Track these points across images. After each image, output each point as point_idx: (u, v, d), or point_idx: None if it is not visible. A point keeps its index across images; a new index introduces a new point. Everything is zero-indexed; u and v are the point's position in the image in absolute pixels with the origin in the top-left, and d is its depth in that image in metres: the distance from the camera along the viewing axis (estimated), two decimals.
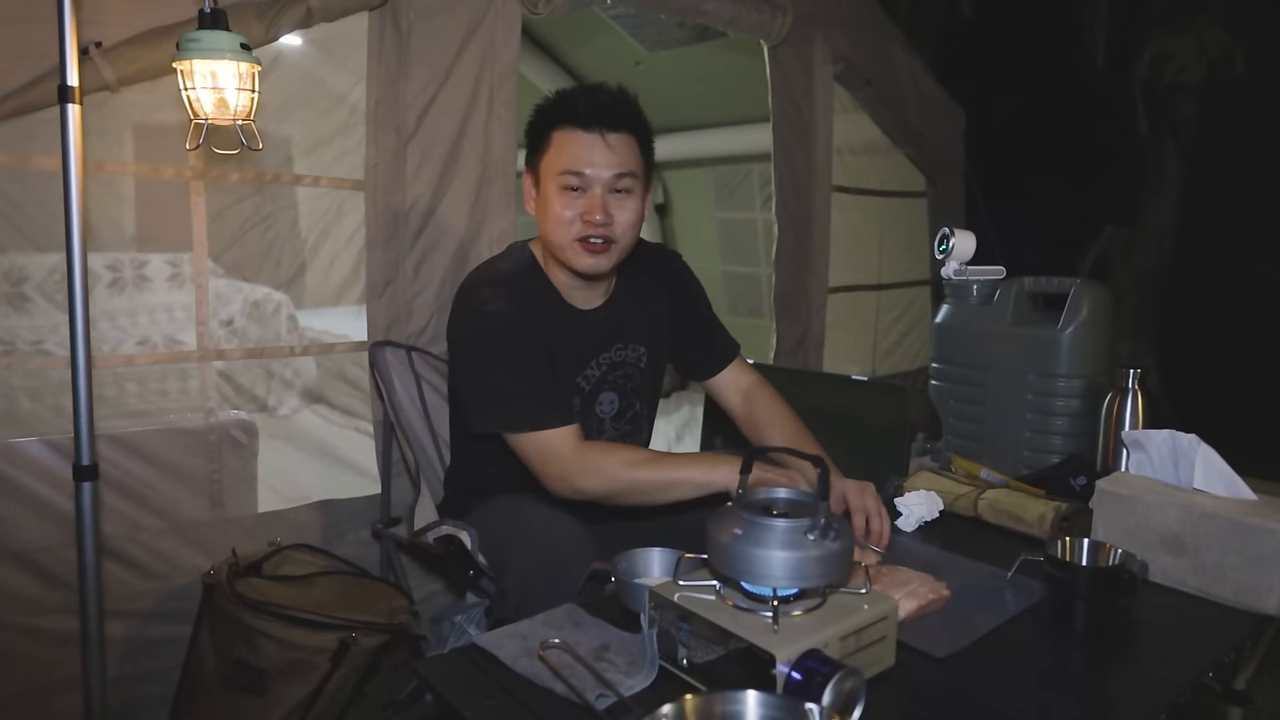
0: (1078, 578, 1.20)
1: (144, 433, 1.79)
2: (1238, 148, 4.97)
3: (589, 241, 1.44)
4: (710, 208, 4.32)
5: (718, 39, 3.07)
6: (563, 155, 1.43)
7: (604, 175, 1.43)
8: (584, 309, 1.57)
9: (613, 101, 1.45)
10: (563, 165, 1.42)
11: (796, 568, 0.95)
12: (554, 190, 1.44)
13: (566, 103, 1.44)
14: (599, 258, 1.46)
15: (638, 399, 1.66)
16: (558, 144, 1.44)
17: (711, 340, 1.77)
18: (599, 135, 1.42)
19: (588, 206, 1.43)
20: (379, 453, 2.04)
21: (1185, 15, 4.95)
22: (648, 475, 1.39)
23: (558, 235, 1.45)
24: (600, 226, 1.43)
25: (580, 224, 1.43)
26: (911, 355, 3.56)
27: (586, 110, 1.42)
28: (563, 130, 1.44)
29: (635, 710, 0.92)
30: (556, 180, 1.43)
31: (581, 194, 1.43)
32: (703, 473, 1.36)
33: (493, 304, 1.45)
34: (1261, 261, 4.93)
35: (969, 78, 4.20)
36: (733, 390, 1.75)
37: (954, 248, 2.15)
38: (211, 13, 1.39)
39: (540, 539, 1.37)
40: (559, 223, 1.44)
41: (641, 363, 1.65)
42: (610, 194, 1.44)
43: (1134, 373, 1.89)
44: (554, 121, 1.45)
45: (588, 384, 1.58)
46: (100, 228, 1.74)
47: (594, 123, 1.42)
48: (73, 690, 1.55)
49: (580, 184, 1.43)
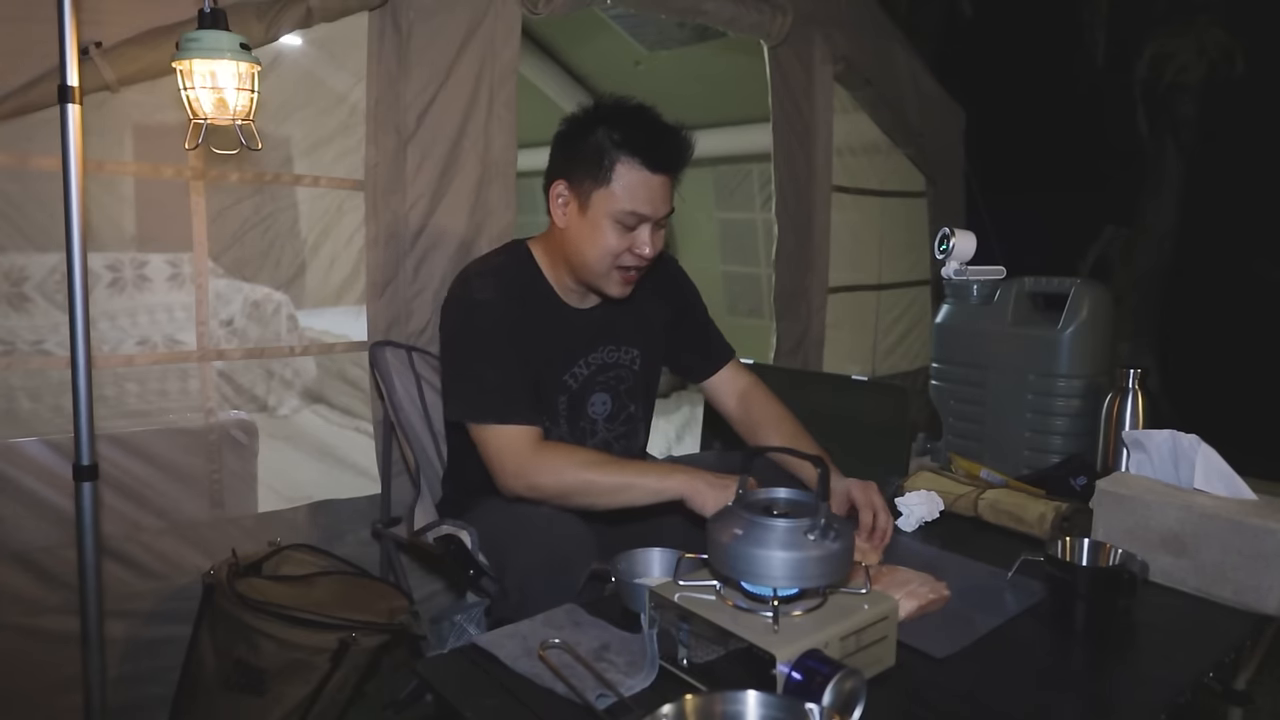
0: (1078, 578, 1.20)
1: (144, 433, 1.78)
2: (1238, 148, 4.97)
3: (629, 271, 1.48)
4: (710, 208, 4.31)
5: (718, 39, 3.06)
6: (629, 195, 1.43)
7: (660, 213, 1.45)
8: (577, 307, 1.58)
9: (684, 149, 1.46)
10: (628, 205, 1.43)
11: (796, 568, 0.95)
12: (607, 221, 1.44)
13: (640, 140, 1.42)
14: (633, 285, 1.51)
15: (632, 401, 1.66)
16: (623, 179, 1.42)
17: (707, 344, 1.77)
18: (666, 179, 1.44)
19: (637, 241, 1.45)
20: (379, 453, 2.04)
21: (1185, 15, 4.95)
22: (601, 478, 1.39)
23: (600, 263, 1.47)
24: (647, 260, 1.47)
25: (629, 255, 1.46)
26: (911, 355, 3.56)
27: (662, 155, 1.43)
28: (629, 164, 1.42)
29: (635, 710, 0.92)
30: (614, 214, 1.43)
31: (632, 229, 1.45)
32: (657, 480, 1.36)
33: (482, 293, 1.47)
34: (1261, 261, 4.93)
35: (969, 78, 4.20)
36: (728, 392, 1.75)
37: (954, 248, 2.15)
38: (211, 13, 1.39)
39: (540, 538, 1.37)
40: (607, 253, 1.46)
41: (635, 365, 1.65)
42: (655, 229, 1.47)
43: (1134, 373, 1.89)
44: (622, 153, 1.42)
45: (575, 382, 1.58)
46: (100, 228, 1.73)
47: (666, 167, 1.43)
48: (73, 690, 1.55)
49: (639, 223, 1.44)
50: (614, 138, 1.42)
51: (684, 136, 1.47)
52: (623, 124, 1.43)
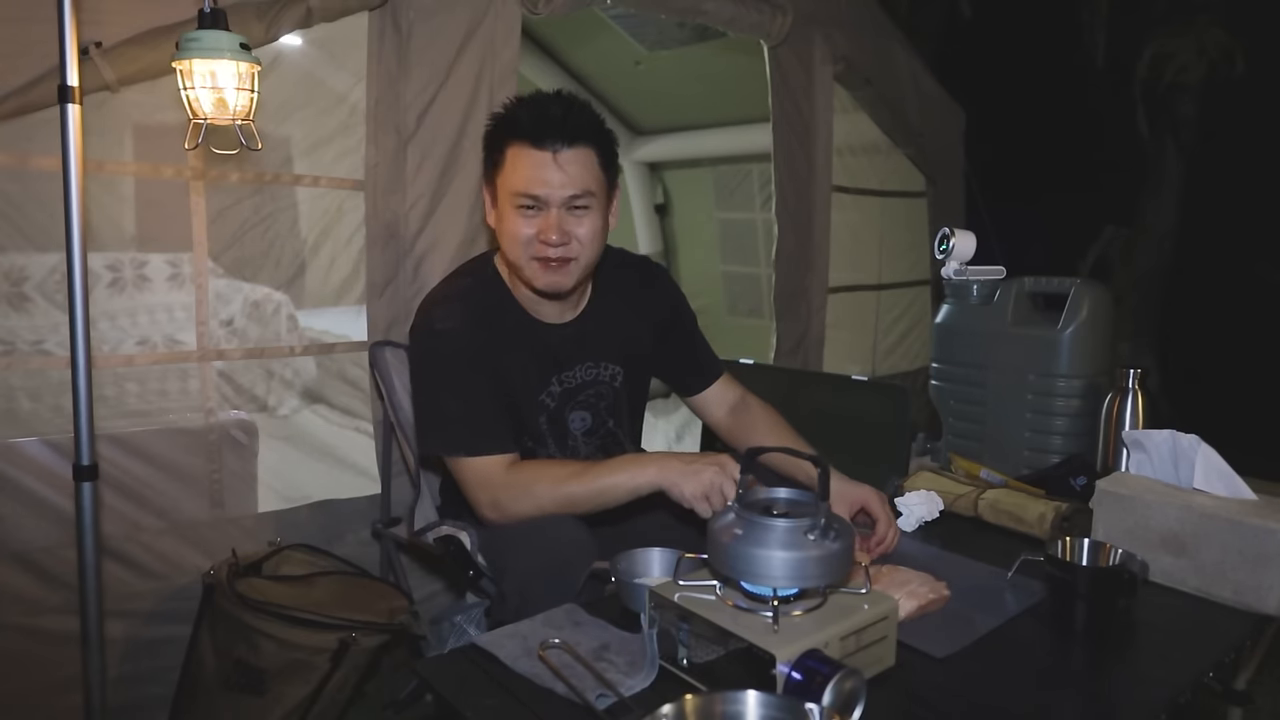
0: (1078, 578, 1.20)
1: (144, 433, 1.78)
2: (1238, 148, 4.97)
3: (547, 260, 1.42)
4: (710, 208, 4.31)
5: (718, 39, 3.07)
6: (516, 176, 1.40)
7: (558, 196, 1.39)
8: (551, 323, 1.54)
9: (564, 114, 1.39)
10: (517, 186, 1.40)
11: (796, 568, 0.95)
12: (509, 209, 1.42)
13: (517, 117, 1.40)
14: (558, 275, 1.44)
15: (611, 418, 1.62)
16: (511, 162, 1.40)
17: (695, 360, 1.73)
18: (550, 154, 1.38)
19: (543, 226, 1.40)
20: (379, 453, 2.04)
21: (1185, 15, 4.95)
22: (577, 490, 1.36)
23: (515, 253, 1.44)
24: (557, 246, 1.41)
25: (537, 243, 1.41)
26: (911, 355, 3.56)
27: (537, 126, 1.38)
28: (515, 146, 1.40)
29: (635, 710, 0.92)
30: (511, 200, 1.41)
31: (537, 212, 1.41)
32: (630, 476, 1.34)
33: (444, 322, 1.44)
34: (1261, 262, 4.93)
35: (969, 78, 4.20)
36: (718, 406, 1.73)
37: (954, 248, 2.15)
38: (211, 13, 1.39)
39: (540, 540, 1.36)
40: (516, 241, 1.43)
41: (616, 382, 1.61)
42: (567, 212, 1.41)
43: (1134, 373, 1.89)
44: (507, 136, 1.41)
45: (552, 400, 1.55)
46: (100, 228, 1.73)
47: (545, 139, 1.38)
48: (73, 690, 1.55)
49: (535, 204, 1.40)
50: (502, 124, 1.42)
51: (564, 102, 1.41)
52: (509, 108, 1.43)
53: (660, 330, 1.67)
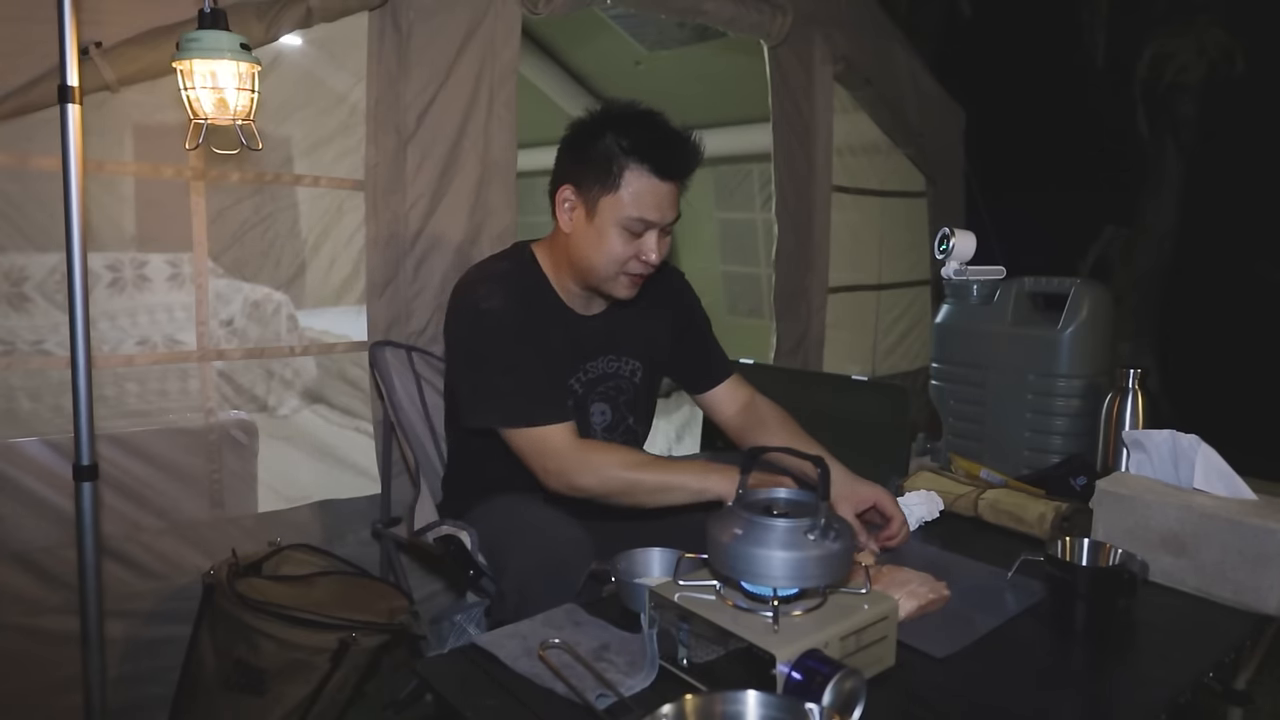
0: (1078, 578, 1.20)
1: (144, 433, 1.78)
2: (1238, 148, 4.97)
3: (636, 276, 1.48)
4: (710, 208, 4.31)
5: (718, 39, 3.06)
6: (638, 202, 1.42)
7: (668, 220, 1.46)
8: (581, 314, 1.58)
9: (693, 156, 1.46)
10: (636, 212, 1.42)
11: (796, 568, 0.95)
12: (614, 228, 1.44)
13: (649, 148, 1.42)
14: (639, 288, 1.51)
15: (630, 413, 1.65)
16: (631, 185, 1.42)
17: (708, 359, 1.76)
18: (674, 186, 1.44)
19: (644, 247, 1.45)
20: (379, 453, 2.04)
21: (1185, 15, 4.95)
22: (644, 478, 1.39)
23: (607, 268, 1.47)
24: (653, 266, 1.47)
25: (635, 262, 1.46)
26: (911, 355, 3.56)
27: (672, 162, 1.43)
28: (638, 171, 1.42)
29: (635, 710, 0.92)
30: (621, 220, 1.43)
31: (640, 235, 1.45)
32: (697, 479, 1.36)
33: (489, 300, 1.46)
34: (1261, 262, 4.93)
35: (969, 78, 4.20)
36: (728, 403, 1.74)
37: (954, 248, 2.15)
38: (211, 13, 1.39)
39: (539, 540, 1.37)
40: (613, 259, 1.45)
41: (635, 377, 1.64)
42: (660, 233, 1.47)
43: (1134, 373, 1.89)
44: (631, 160, 1.42)
45: (580, 387, 1.58)
46: (100, 228, 1.73)
47: (675, 174, 1.44)
48: (73, 690, 1.55)
49: (647, 229, 1.44)
50: (623, 144, 1.41)
51: (694, 143, 1.46)
52: (632, 130, 1.43)
53: (677, 330, 1.70)
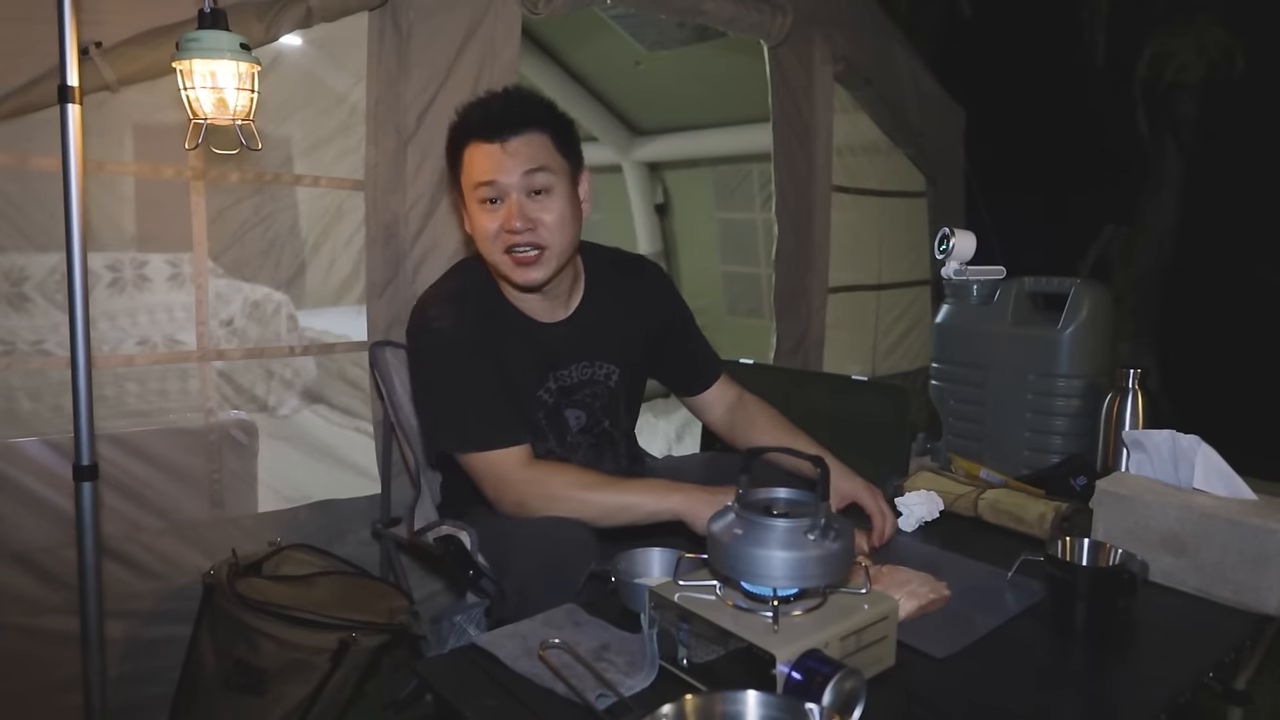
0: (1078, 578, 1.20)
1: (144, 433, 1.78)
2: (1238, 148, 4.97)
3: (515, 252, 1.42)
4: (710, 208, 4.32)
5: (718, 39, 3.07)
6: (472, 170, 1.42)
7: (514, 179, 1.40)
8: (544, 322, 1.54)
9: (505, 107, 1.42)
10: (474, 179, 1.42)
11: (796, 568, 0.95)
12: (474, 206, 1.44)
13: (468, 116, 1.44)
14: (531, 269, 1.44)
15: (606, 417, 1.62)
16: (468, 160, 1.43)
17: (693, 359, 1.73)
18: (499, 144, 1.40)
19: (506, 215, 1.41)
20: (379, 453, 2.04)
21: (1185, 15, 4.95)
22: (597, 498, 1.37)
23: (488, 250, 1.45)
24: (523, 234, 1.41)
25: (504, 235, 1.42)
26: (911, 355, 3.56)
27: (483, 121, 1.41)
28: (470, 146, 1.43)
29: (635, 710, 0.92)
30: (474, 196, 1.43)
31: (499, 204, 1.42)
32: (655, 499, 1.35)
33: (440, 321, 1.45)
34: (1261, 262, 4.93)
35: (969, 78, 4.20)
36: (716, 405, 1.73)
37: (954, 248, 2.15)
38: (211, 13, 1.39)
39: (540, 540, 1.36)
40: (485, 238, 1.44)
41: (611, 381, 1.60)
42: (528, 198, 1.42)
43: (1134, 373, 1.89)
44: (462, 139, 1.44)
45: (550, 397, 1.55)
46: (100, 228, 1.74)
47: (491, 132, 1.41)
48: (73, 690, 1.55)
49: (495, 194, 1.41)
50: (455, 126, 1.45)
51: (505, 96, 1.44)
52: (460, 111, 1.46)
53: (656, 331, 1.67)
